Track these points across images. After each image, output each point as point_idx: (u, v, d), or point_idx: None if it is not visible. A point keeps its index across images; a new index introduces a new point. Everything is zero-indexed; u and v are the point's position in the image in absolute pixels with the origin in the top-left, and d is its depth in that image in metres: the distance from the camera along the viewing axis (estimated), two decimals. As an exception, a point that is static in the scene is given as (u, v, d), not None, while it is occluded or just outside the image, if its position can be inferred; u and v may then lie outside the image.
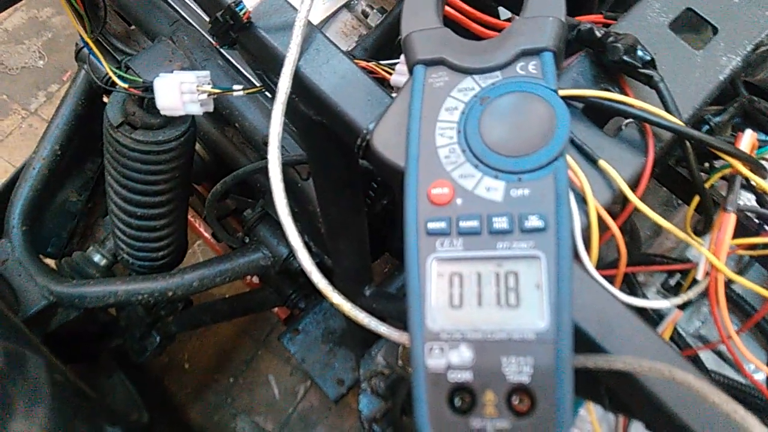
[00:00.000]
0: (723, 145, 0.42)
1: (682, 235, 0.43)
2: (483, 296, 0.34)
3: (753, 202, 0.54)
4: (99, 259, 1.13)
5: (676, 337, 0.58)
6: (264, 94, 0.77)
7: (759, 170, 0.45)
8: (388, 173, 0.40)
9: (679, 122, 0.42)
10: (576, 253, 0.40)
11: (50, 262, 1.18)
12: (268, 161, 0.42)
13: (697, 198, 0.53)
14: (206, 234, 1.67)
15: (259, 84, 0.56)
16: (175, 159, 0.78)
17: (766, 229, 0.52)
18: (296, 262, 0.93)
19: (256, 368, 1.63)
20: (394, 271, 0.95)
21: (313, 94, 0.45)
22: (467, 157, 0.36)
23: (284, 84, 0.44)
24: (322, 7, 0.75)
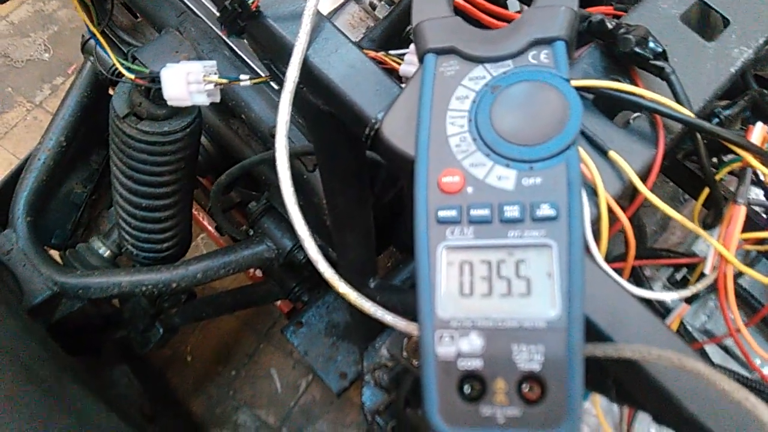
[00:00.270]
0: (734, 137, 0.42)
1: (691, 225, 0.43)
2: (493, 285, 0.34)
3: (761, 197, 0.54)
4: (103, 250, 1.14)
5: (683, 331, 0.58)
6: (270, 85, 0.77)
7: (769, 163, 0.45)
8: (398, 163, 0.40)
9: (691, 114, 0.42)
10: (585, 245, 0.40)
11: (54, 253, 1.18)
12: (275, 151, 0.42)
13: (706, 192, 0.53)
14: (210, 227, 1.67)
15: (265, 74, 0.56)
16: (180, 150, 0.78)
17: (775, 223, 0.52)
18: (300, 255, 0.93)
19: (258, 361, 1.64)
20: (398, 264, 0.95)
21: (322, 84, 0.45)
22: (478, 146, 0.36)
23: (292, 73, 0.44)
24: (329, -1, 0.75)
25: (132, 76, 0.64)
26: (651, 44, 0.42)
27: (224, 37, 0.79)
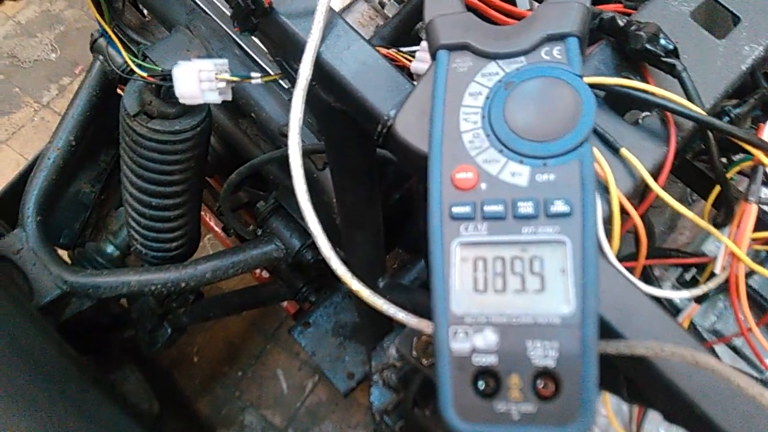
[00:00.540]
0: (746, 135, 0.41)
1: (702, 223, 0.43)
2: (507, 281, 0.34)
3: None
4: (112, 250, 1.14)
5: (692, 331, 0.58)
6: (281, 85, 0.77)
7: (782, 161, 0.45)
8: (411, 159, 0.40)
9: (702, 112, 0.42)
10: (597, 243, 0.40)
11: (63, 254, 1.19)
12: (288, 147, 0.42)
13: (716, 191, 0.53)
14: (217, 228, 1.68)
15: (275, 73, 0.56)
16: (190, 149, 0.78)
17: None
18: (309, 254, 0.93)
19: (264, 362, 1.64)
20: (405, 264, 0.95)
21: (334, 81, 0.45)
22: (491, 142, 0.36)
23: (305, 70, 0.44)
24: (338, -2, 0.75)
25: (144, 74, 0.64)
26: (662, 41, 0.42)
27: (236, 35, 0.79)
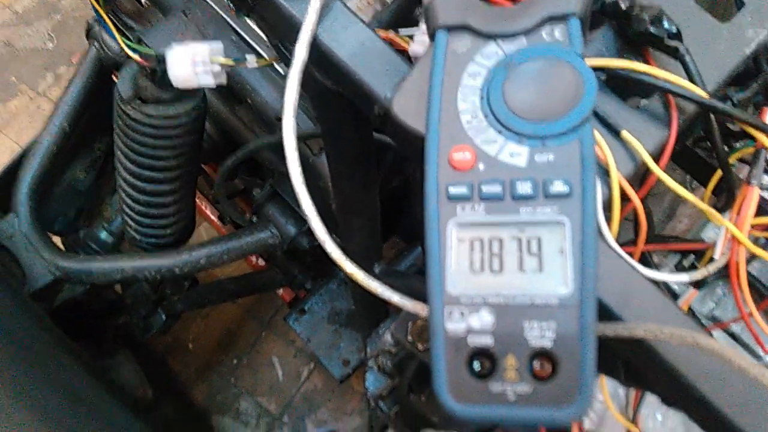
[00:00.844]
0: (749, 118, 0.41)
1: (702, 206, 0.42)
2: (505, 261, 0.33)
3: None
4: (106, 236, 1.14)
5: (691, 317, 0.58)
6: (277, 70, 0.76)
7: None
8: (408, 141, 0.40)
9: (704, 94, 0.42)
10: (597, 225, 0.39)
11: (58, 241, 1.18)
12: (282, 129, 0.42)
13: (716, 178, 0.53)
14: (213, 217, 1.67)
15: (270, 57, 0.55)
16: (185, 134, 0.77)
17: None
18: (304, 241, 0.93)
19: (260, 350, 1.64)
20: (402, 252, 0.95)
21: (331, 63, 0.45)
22: (490, 123, 0.36)
23: (301, 51, 0.44)
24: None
25: (137, 57, 0.63)
26: (665, 24, 0.42)
27: (232, 19, 0.78)
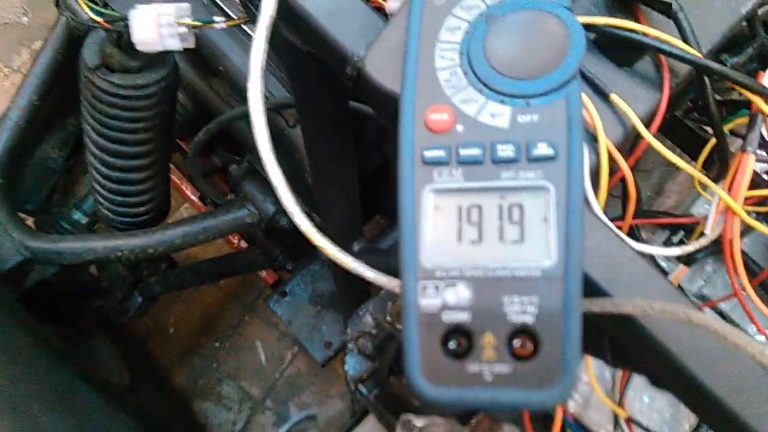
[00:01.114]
0: (747, 80, 0.38)
1: (695, 173, 0.40)
2: (484, 231, 0.31)
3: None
4: (79, 216, 1.10)
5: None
6: (249, 35, 0.72)
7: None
8: (382, 103, 0.37)
9: (699, 54, 0.39)
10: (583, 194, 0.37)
11: (30, 221, 1.14)
12: (249, 92, 0.38)
13: (708, 149, 0.50)
14: (193, 197, 1.63)
15: (239, 17, 0.52)
16: (155, 105, 0.74)
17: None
18: (283, 220, 0.90)
19: (242, 333, 1.61)
20: (385, 229, 0.92)
21: (300, 19, 0.41)
22: (470, 81, 0.33)
23: (268, 6, 0.40)
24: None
25: (101, 21, 0.60)
26: (658, -21, 0.39)
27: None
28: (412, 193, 0.31)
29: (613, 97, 0.39)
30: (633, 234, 0.54)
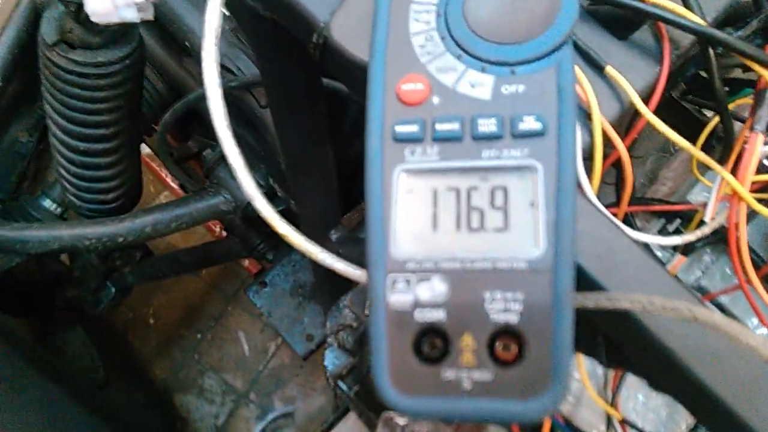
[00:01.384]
0: (757, 52, 0.35)
1: (701, 156, 0.36)
2: (462, 217, 0.27)
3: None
4: (48, 203, 1.05)
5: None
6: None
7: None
8: (350, 73, 0.33)
9: (702, 22, 0.35)
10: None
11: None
12: (203, 60, 0.34)
13: (707, 131, 0.47)
14: (173, 184, 1.59)
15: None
16: (119, 85, 0.69)
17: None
18: (261, 208, 0.85)
19: (225, 324, 1.58)
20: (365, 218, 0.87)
21: (262, -19, 0.37)
22: (448, 46, 0.29)
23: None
24: None
25: (52, -10, 0.55)
26: (659, -62, 0.35)
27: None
28: (381, 173, 0.28)
29: (609, 69, 0.35)
30: (628, 222, 0.50)
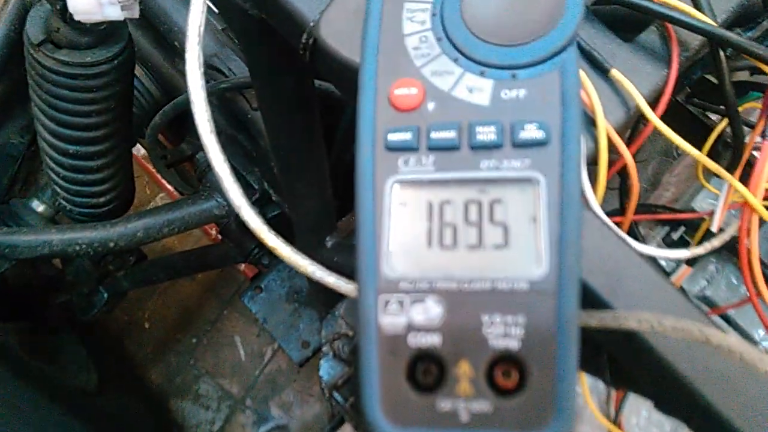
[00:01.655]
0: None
1: (710, 163, 0.34)
2: (459, 233, 0.25)
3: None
4: (39, 206, 1.03)
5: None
6: (210, 9, 0.66)
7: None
8: (340, 76, 0.31)
9: (713, 23, 0.33)
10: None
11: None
12: (187, 59, 0.32)
13: (715, 135, 0.45)
14: (169, 186, 1.56)
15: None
16: (108, 86, 0.67)
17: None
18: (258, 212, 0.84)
19: (221, 329, 1.56)
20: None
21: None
22: (444, 48, 0.27)
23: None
24: None
25: (38, -10, 0.53)
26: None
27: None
28: (372, 185, 0.26)
29: (614, 72, 0.33)
30: (632, 230, 0.49)
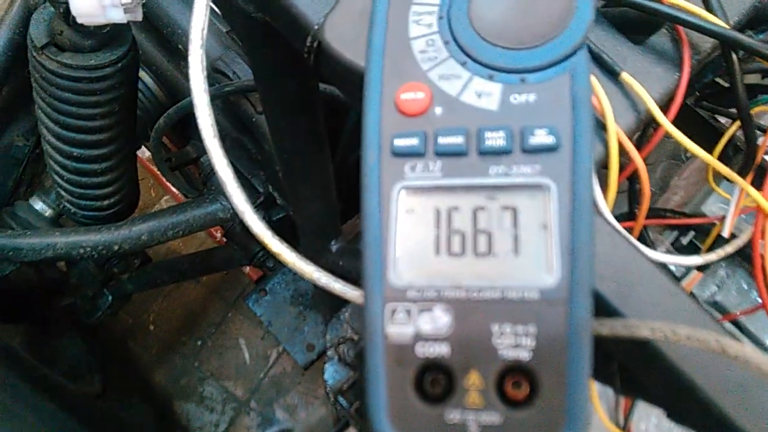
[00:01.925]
0: (783, 55, 0.32)
1: (722, 168, 0.34)
2: (468, 240, 0.24)
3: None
4: (43, 209, 1.02)
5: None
6: (215, 12, 0.66)
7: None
8: (345, 80, 0.30)
9: (726, 25, 0.33)
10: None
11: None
12: (190, 61, 0.32)
13: (726, 138, 0.44)
14: (174, 189, 1.56)
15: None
16: (112, 89, 0.67)
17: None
18: (260, 215, 0.83)
19: (225, 331, 1.56)
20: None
21: (253, -18, 0.35)
22: (451, 52, 0.26)
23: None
24: None
25: (42, -7, 0.53)
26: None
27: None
28: (378, 191, 0.25)
29: (625, 76, 0.32)
30: (642, 237, 0.48)
